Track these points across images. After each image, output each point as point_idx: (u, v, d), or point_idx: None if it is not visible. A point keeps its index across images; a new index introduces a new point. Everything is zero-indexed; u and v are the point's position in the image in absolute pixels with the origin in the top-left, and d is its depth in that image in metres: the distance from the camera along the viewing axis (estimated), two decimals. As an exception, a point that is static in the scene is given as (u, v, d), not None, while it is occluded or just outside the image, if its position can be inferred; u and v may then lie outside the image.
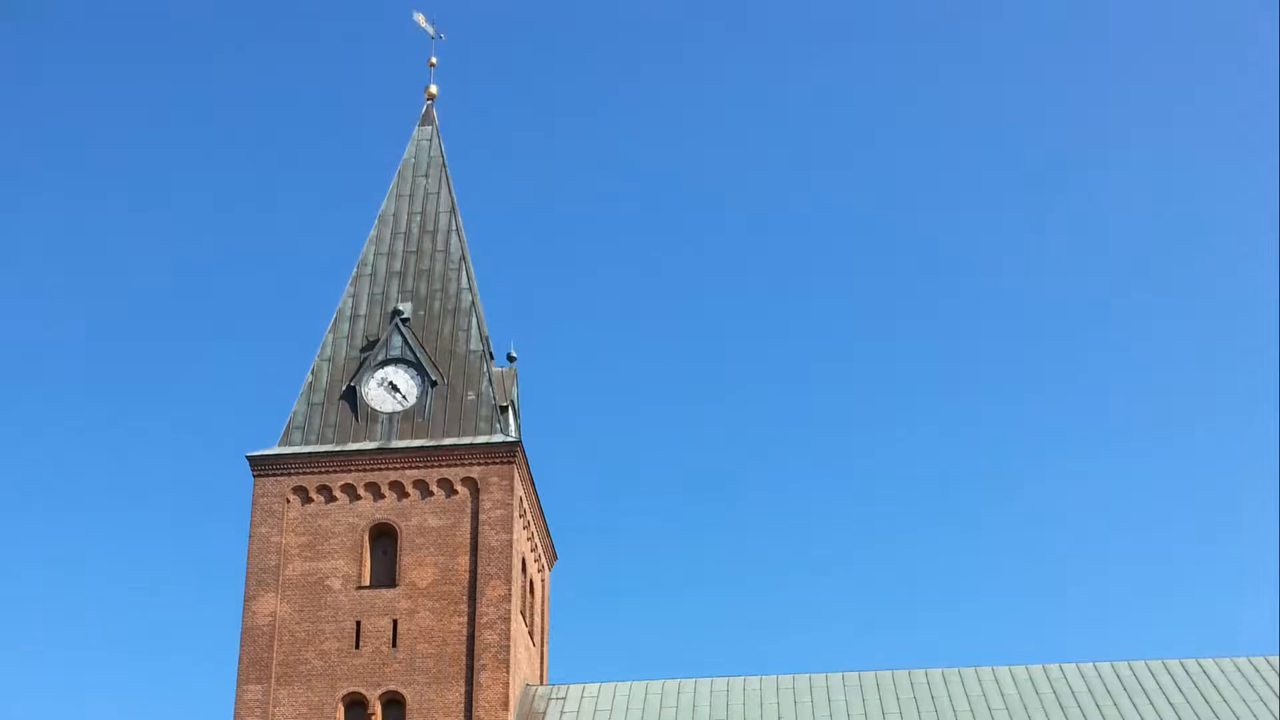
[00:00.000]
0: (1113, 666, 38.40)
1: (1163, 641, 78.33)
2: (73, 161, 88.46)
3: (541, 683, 41.56)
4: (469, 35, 79.52)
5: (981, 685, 37.85)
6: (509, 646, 37.06)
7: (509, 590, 37.67)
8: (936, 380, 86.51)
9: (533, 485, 41.30)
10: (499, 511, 38.51)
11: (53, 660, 79.40)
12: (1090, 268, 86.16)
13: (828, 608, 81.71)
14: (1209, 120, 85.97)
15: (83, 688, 79.32)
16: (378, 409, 40.39)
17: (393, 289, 42.93)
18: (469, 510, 38.72)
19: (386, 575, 38.39)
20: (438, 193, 45.08)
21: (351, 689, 36.96)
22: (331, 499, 39.13)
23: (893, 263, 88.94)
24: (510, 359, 42.43)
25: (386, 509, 38.93)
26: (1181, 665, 38.31)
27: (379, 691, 36.84)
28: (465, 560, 38.17)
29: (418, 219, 44.52)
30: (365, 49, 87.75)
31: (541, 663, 42.55)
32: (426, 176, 45.56)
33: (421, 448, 39.33)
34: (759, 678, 38.83)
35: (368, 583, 38.20)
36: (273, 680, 37.13)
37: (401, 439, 39.72)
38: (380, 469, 39.22)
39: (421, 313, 42.22)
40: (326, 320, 42.52)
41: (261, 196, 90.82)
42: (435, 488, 38.95)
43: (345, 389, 40.80)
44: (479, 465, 39.05)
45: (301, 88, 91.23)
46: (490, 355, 41.75)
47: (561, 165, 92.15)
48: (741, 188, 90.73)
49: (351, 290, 43.12)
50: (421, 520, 38.68)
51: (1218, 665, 38.25)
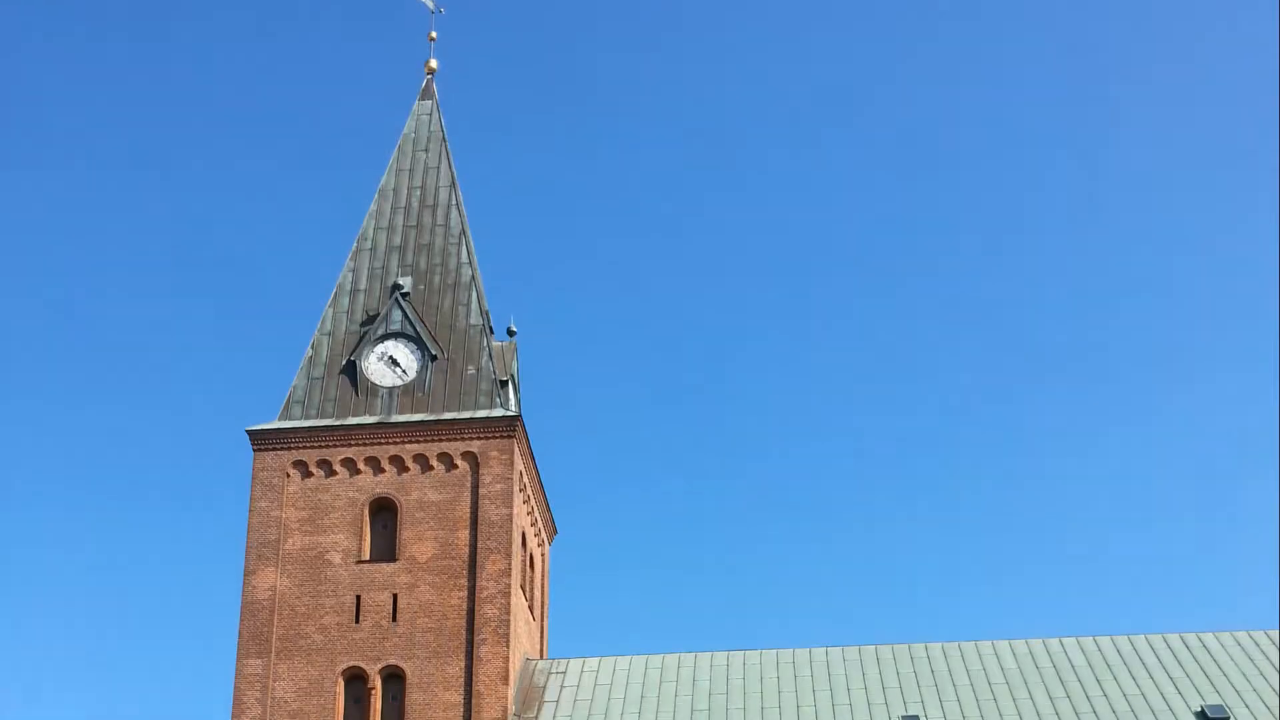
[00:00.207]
0: (1113, 641, 38.37)
1: (1163, 615, 78.66)
2: (72, 137, 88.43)
3: (541, 657, 41.61)
4: (469, 9, 79.26)
5: (981, 659, 37.84)
6: (509, 621, 37.07)
7: (509, 565, 37.68)
8: (938, 354, 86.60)
9: (533, 459, 41.27)
10: (499, 486, 38.49)
11: (52, 634, 79.65)
12: (1089, 246, 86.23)
13: (828, 582, 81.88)
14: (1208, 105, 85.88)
15: (83, 662, 79.66)
16: (378, 383, 40.35)
17: (393, 263, 42.87)
18: (469, 485, 38.70)
19: (386, 549, 38.38)
20: (438, 167, 44.99)
21: (351, 663, 36.97)
22: (331, 473, 39.11)
23: (898, 239, 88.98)
24: (510, 333, 42.37)
25: (386, 483, 38.92)
26: (1182, 639, 38.31)
27: (379, 666, 36.86)
28: (465, 535, 38.16)
29: (418, 193, 44.43)
30: (365, 24, 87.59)
31: (541, 637, 42.57)
32: (426, 151, 45.45)
33: (421, 422, 39.29)
34: (759, 652, 38.84)
35: (368, 557, 38.19)
36: (273, 654, 37.15)
37: (401, 413, 39.68)
38: (380, 443, 39.18)
39: (421, 287, 42.15)
40: (326, 295, 42.52)
41: (261, 171, 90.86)
42: (435, 462, 38.92)
43: (345, 363, 40.75)
44: (479, 439, 39.02)
45: (302, 62, 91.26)
46: (490, 329, 41.69)
47: (561, 139, 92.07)
48: (744, 163, 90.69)
49: (351, 265, 43.05)
50: (421, 495, 38.66)
51: (1218, 639, 38.23)
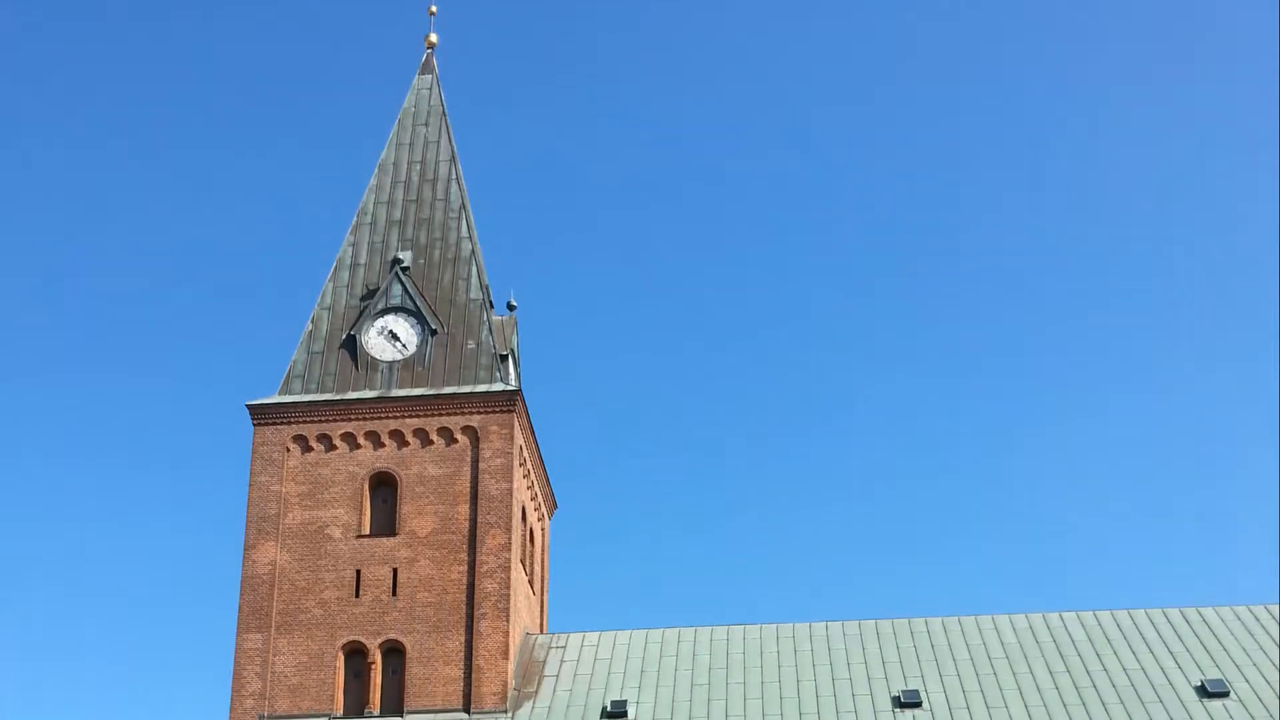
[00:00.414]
0: (1113, 615, 38.33)
1: (1163, 590, 78.63)
2: (71, 109, 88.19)
3: (541, 631, 41.61)
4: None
5: (981, 634, 37.84)
6: (509, 595, 37.07)
7: (509, 539, 37.66)
8: (939, 327, 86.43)
9: (533, 434, 41.23)
10: (499, 460, 38.46)
11: (51, 608, 79.73)
12: (1093, 210, 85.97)
13: (829, 556, 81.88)
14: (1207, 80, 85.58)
15: (82, 636, 79.82)
16: (378, 358, 40.29)
17: (393, 238, 42.78)
18: (469, 459, 38.67)
19: (386, 524, 38.35)
20: (438, 141, 44.87)
21: (351, 637, 36.98)
22: (331, 448, 39.06)
23: (901, 197, 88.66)
24: (510, 307, 42.30)
25: (386, 458, 38.87)
26: (1182, 614, 38.25)
27: (379, 640, 36.87)
28: (465, 509, 38.14)
29: (418, 168, 44.32)
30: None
31: (541, 611, 42.59)
32: (426, 125, 45.33)
33: (421, 396, 39.25)
34: (758, 626, 38.84)
35: (368, 531, 38.17)
36: (273, 629, 37.15)
37: (401, 388, 39.63)
38: (380, 418, 39.13)
39: (421, 261, 42.07)
40: (326, 269, 42.47)
41: (261, 145, 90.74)
42: (435, 436, 38.89)
43: (345, 338, 40.68)
44: (479, 414, 38.97)
45: (302, 36, 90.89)
46: (490, 304, 41.62)
47: (561, 114, 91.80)
48: (746, 134, 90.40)
49: (351, 239, 42.97)
50: (421, 469, 38.63)
51: (1218, 614, 38.17)
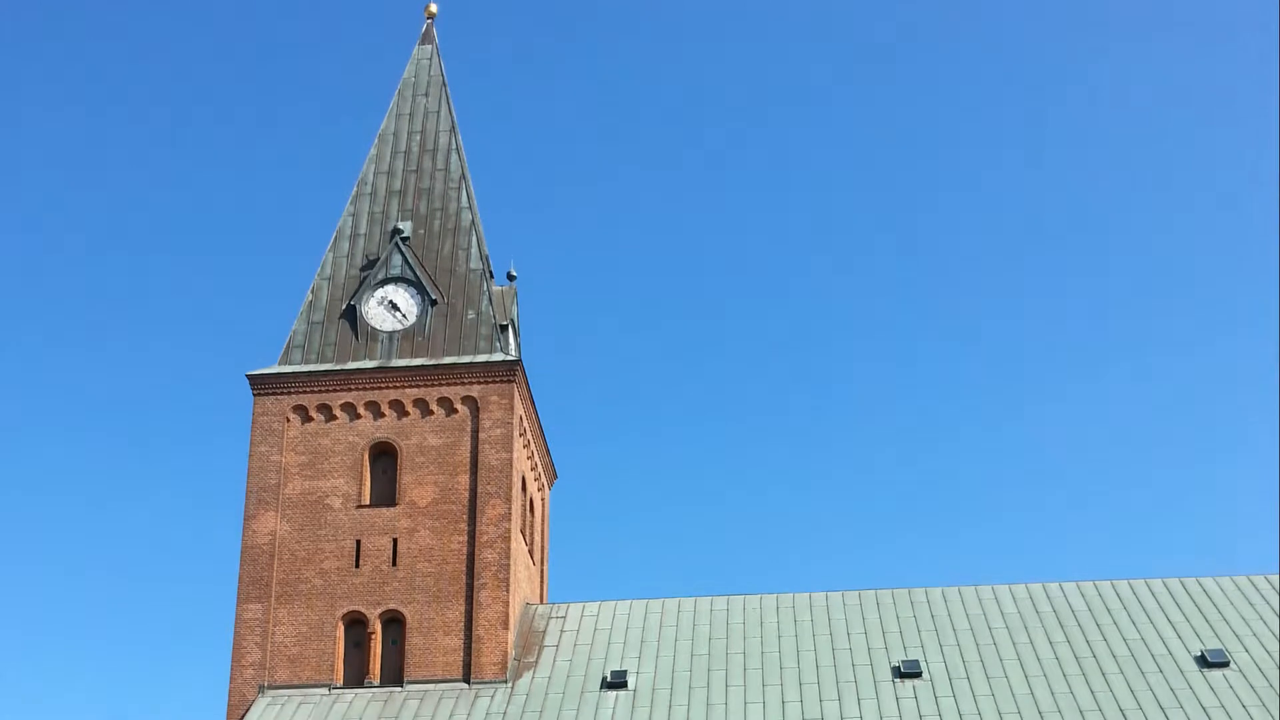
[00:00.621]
0: (1113, 585, 38.28)
1: (1164, 560, 78.61)
2: (71, 77, 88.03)
3: (541, 601, 41.64)
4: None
5: (981, 604, 37.82)
6: (509, 565, 37.08)
7: (509, 509, 37.65)
8: (937, 298, 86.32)
9: (533, 404, 41.20)
10: (499, 430, 38.44)
11: (51, 579, 79.92)
12: (1089, 181, 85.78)
13: (828, 526, 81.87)
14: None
15: (82, 607, 79.95)
16: (378, 328, 40.23)
17: (393, 208, 42.68)
18: (469, 429, 38.64)
19: (386, 494, 38.33)
20: (438, 112, 44.75)
21: (351, 607, 36.99)
22: (331, 418, 39.03)
23: (899, 172, 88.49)
24: (510, 277, 42.20)
25: (386, 428, 38.84)
26: (1182, 584, 38.19)
27: (379, 610, 36.89)
28: (465, 479, 38.12)
29: (418, 138, 44.20)
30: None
31: (541, 582, 42.61)
32: (426, 95, 45.19)
33: (421, 366, 39.19)
34: (759, 596, 38.80)
35: (368, 501, 38.16)
36: (273, 599, 37.16)
37: (401, 358, 39.58)
38: (380, 388, 39.09)
39: (421, 231, 41.99)
40: (326, 239, 42.35)
41: (262, 115, 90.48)
42: (435, 406, 38.86)
43: (345, 308, 40.62)
44: (479, 384, 38.93)
45: (302, 6, 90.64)
46: (490, 274, 41.55)
47: (562, 85, 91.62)
48: (746, 105, 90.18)
49: (351, 209, 42.88)
50: (421, 439, 38.61)
51: (1218, 584, 38.09)
